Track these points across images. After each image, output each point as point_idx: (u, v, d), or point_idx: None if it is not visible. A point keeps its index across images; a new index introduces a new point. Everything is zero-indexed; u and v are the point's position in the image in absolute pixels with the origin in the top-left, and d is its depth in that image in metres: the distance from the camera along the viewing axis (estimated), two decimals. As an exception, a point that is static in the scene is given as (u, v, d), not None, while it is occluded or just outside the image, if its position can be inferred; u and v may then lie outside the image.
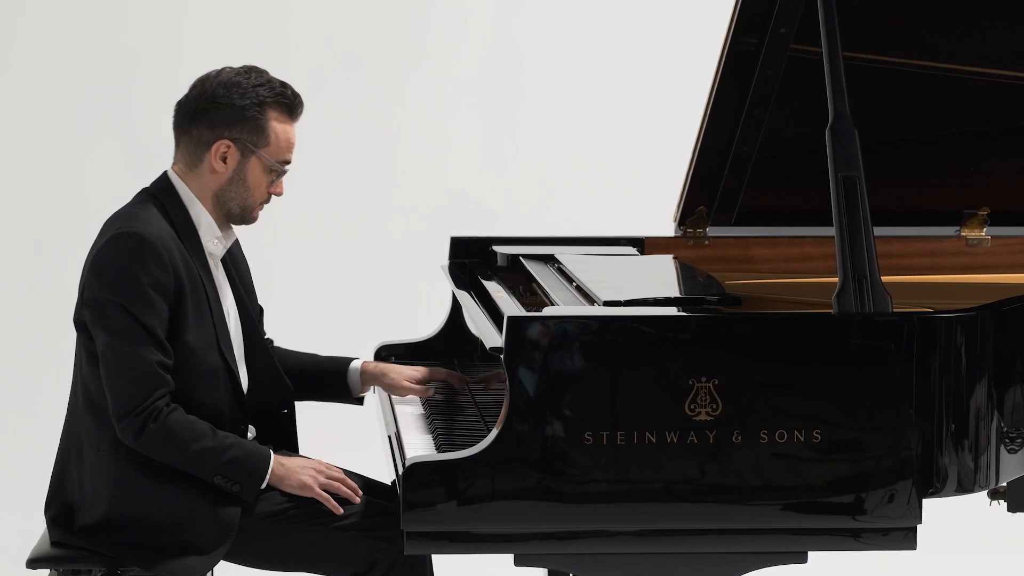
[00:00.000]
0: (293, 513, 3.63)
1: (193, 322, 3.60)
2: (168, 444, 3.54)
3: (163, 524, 3.58)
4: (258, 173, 3.68)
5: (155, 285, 3.54)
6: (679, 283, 4.10)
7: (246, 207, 3.71)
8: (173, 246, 3.60)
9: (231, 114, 3.65)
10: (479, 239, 4.49)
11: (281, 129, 3.69)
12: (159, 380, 3.53)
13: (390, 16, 6.77)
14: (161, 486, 3.58)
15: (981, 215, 4.51)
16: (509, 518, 3.37)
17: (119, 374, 3.54)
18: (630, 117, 6.75)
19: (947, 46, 4.22)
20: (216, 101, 3.65)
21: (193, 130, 3.68)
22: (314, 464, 3.65)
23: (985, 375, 3.50)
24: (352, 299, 6.63)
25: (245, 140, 3.66)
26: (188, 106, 3.70)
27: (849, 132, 3.53)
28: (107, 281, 3.55)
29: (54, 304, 6.50)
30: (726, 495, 3.39)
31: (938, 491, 3.47)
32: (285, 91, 3.70)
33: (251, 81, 3.67)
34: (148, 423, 3.52)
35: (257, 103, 3.66)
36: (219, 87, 3.67)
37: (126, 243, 3.56)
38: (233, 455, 3.56)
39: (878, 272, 3.48)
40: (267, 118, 3.67)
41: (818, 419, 3.40)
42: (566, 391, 3.35)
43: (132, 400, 3.52)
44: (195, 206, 3.69)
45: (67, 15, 6.71)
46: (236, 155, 3.66)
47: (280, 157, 3.70)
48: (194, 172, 3.69)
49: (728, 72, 4.13)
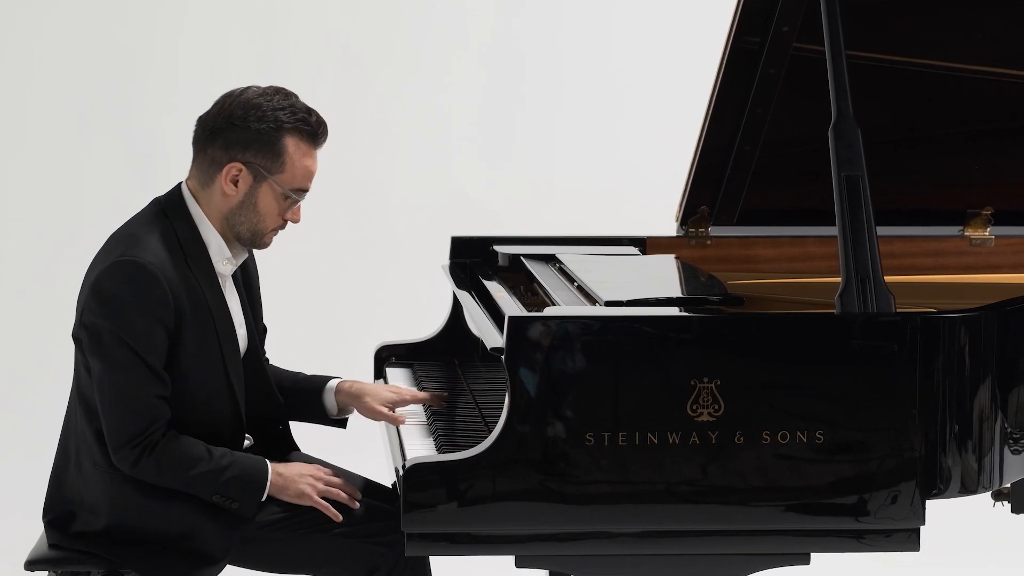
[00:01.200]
0: (293, 521, 3.62)
1: (195, 348, 3.56)
2: (164, 473, 3.53)
3: (165, 535, 3.57)
4: (269, 200, 3.60)
5: (154, 317, 3.49)
6: (681, 283, 4.09)
7: (256, 232, 3.63)
8: (174, 274, 3.54)
9: (246, 137, 3.55)
10: (480, 239, 4.48)
11: (299, 156, 3.58)
12: (156, 412, 3.51)
13: (390, 15, 6.76)
14: (161, 502, 3.56)
15: (985, 215, 4.51)
16: (510, 519, 3.36)
17: (116, 405, 3.51)
18: (631, 116, 6.75)
19: (950, 45, 4.22)
20: (232, 122, 3.56)
21: (208, 148, 3.59)
22: (312, 471, 3.63)
23: (989, 376, 3.50)
24: (352, 299, 6.62)
25: (258, 165, 3.57)
26: (207, 123, 3.60)
27: (852, 131, 3.53)
28: (106, 309, 3.50)
29: (53, 305, 6.50)
30: (728, 496, 3.39)
31: (941, 492, 3.47)
32: (308, 117, 3.59)
33: (273, 104, 3.56)
34: (143, 456, 3.50)
35: (275, 127, 3.55)
36: (238, 107, 3.56)
37: (127, 272, 3.50)
38: (230, 475, 3.54)
39: (881, 272, 3.47)
40: (284, 144, 3.56)
41: (821, 420, 3.39)
42: (567, 391, 3.34)
43: (127, 433, 3.50)
44: (205, 225, 3.62)
45: (66, 14, 6.69)
46: (248, 179, 3.58)
47: (295, 185, 3.60)
48: (206, 191, 3.62)
49: (730, 71, 4.13)
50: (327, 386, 3.92)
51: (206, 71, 6.63)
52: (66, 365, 3.73)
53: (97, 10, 6.69)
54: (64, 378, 3.76)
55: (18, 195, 6.70)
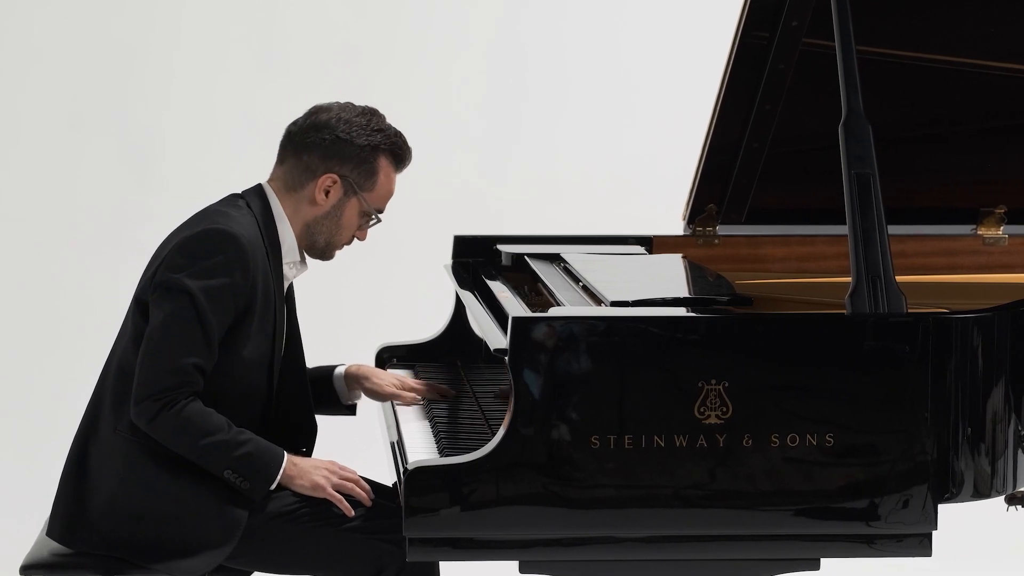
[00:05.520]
0: (302, 513, 3.63)
1: (254, 337, 3.64)
2: (180, 434, 3.55)
3: (167, 515, 3.57)
4: (353, 215, 3.76)
5: (232, 289, 3.58)
6: (688, 283, 4.08)
7: (331, 243, 3.78)
8: (259, 256, 3.64)
9: (348, 152, 3.72)
10: (483, 238, 4.47)
11: (387, 178, 3.78)
12: (189, 378, 3.55)
13: (392, 10, 6.75)
14: (171, 476, 3.58)
15: (998, 213, 4.50)
16: (514, 524, 3.35)
17: (155, 358, 3.55)
18: (638, 112, 6.75)
19: (963, 40, 4.21)
20: (337, 135, 3.72)
21: (304, 156, 3.73)
22: (327, 464, 3.66)
23: (1002, 377, 3.48)
24: (353, 299, 6.63)
25: (353, 180, 3.73)
26: (305, 132, 3.74)
27: (863, 128, 3.52)
28: (188, 267, 3.57)
29: (50, 304, 6.49)
30: (736, 500, 3.38)
31: (954, 496, 3.46)
32: (399, 140, 3.80)
33: (372, 124, 3.75)
34: (163, 411, 3.54)
35: (373, 146, 3.74)
36: (342, 122, 3.73)
37: (219, 238, 3.59)
38: (246, 451, 3.57)
39: (892, 272, 3.47)
40: (379, 164, 3.76)
41: (831, 422, 3.38)
42: (572, 394, 3.34)
43: (154, 386, 3.54)
44: (284, 225, 3.74)
45: (61, 9, 6.68)
46: (339, 192, 3.73)
47: (378, 204, 3.78)
48: (292, 195, 3.74)
49: (738, 67, 4.12)
50: (335, 372, 4.06)
51: (203, 68, 6.63)
52: (63, 366, 3.69)
53: (92, 5, 6.68)
54: (61, 379, 3.72)
55: (12, 194, 6.68)
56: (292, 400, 3.79)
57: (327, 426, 4.20)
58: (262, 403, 3.69)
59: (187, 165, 6.51)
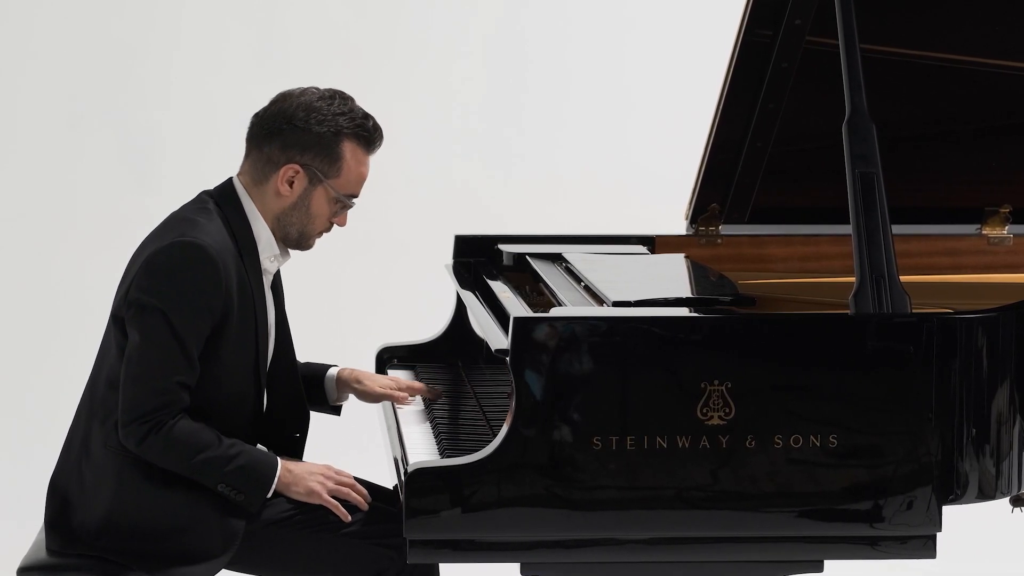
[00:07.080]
0: (299, 519, 3.61)
1: (236, 342, 3.59)
2: (170, 454, 3.52)
3: (165, 529, 3.55)
4: (322, 203, 3.66)
5: (204, 302, 3.52)
6: (691, 283, 4.08)
7: (304, 234, 3.69)
8: (231, 263, 3.58)
9: (306, 139, 3.61)
10: (484, 237, 4.46)
11: (355, 162, 3.65)
12: (173, 397, 3.51)
13: (392, 10, 6.74)
14: (166, 490, 3.55)
15: (1003, 213, 4.50)
16: (515, 526, 3.35)
17: (138, 380, 3.51)
18: (640, 111, 6.76)
19: (967, 38, 4.21)
20: (294, 123, 3.61)
21: (265, 147, 3.64)
22: (322, 470, 3.63)
23: (1007, 378, 3.48)
24: (353, 299, 6.64)
25: (315, 168, 3.63)
26: (265, 121, 3.65)
27: (867, 127, 3.52)
28: (157, 286, 3.52)
29: (48, 303, 6.48)
30: (739, 502, 3.37)
31: (958, 498, 3.46)
32: (366, 123, 3.66)
33: (333, 108, 3.63)
34: (151, 433, 3.50)
35: (335, 132, 3.62)
36: (299, 109, 3.62)
37: (186, 252, 3.52)
38: (238, 464, 3.54)
39: (896, 271, 3.46)
40: (342, 149, 3.63)
41: (834, 423, 3.38)
42: (574, 394, 3.33)
43: (141, 408, 3.50)
44: (257, 222, 3.67)
45: (60, 8, 6.68)
46: (303, 181, 3.64)
47: (348, 190, 3.67)
48: (259, 189, 3.67)
49: (741, 65, 4.12)
50: (328, 374, 4.01)
51: (202, 66, 6.63)
52: (61, 366, 3.68)
53: (92, 5, 6.68)
54: (59, 379, 3.70)
55: (11, 193, 6.68)
56: (282, 384, 3.74)
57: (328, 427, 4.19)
58: (252, 403, 3.66)
59: (186, 165, 6.50)
